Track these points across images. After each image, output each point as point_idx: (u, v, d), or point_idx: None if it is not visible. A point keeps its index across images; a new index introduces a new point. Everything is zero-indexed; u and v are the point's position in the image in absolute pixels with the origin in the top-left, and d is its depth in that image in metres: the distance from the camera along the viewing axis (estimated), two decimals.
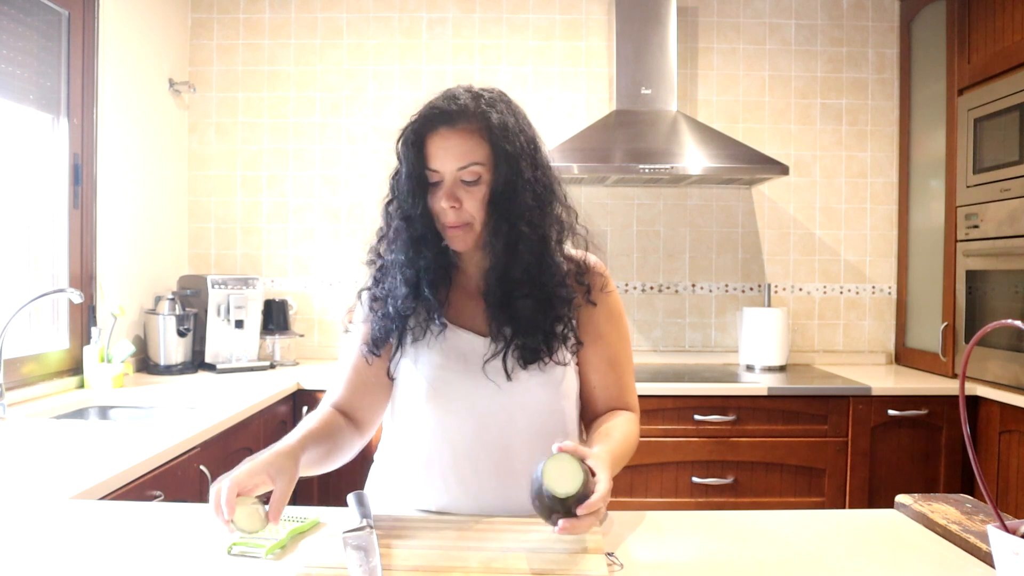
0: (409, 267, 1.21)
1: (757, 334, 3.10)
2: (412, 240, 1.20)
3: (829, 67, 3.35)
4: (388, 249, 1.24)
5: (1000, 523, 0.88)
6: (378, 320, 1.23)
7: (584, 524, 0.97)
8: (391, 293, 1.22)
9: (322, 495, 2.72)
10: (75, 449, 1.65)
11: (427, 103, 1.19)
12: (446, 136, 1.15)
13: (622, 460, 1.18)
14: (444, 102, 1.17)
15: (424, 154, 1.17)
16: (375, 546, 0.98)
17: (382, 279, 1.25)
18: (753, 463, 2.70)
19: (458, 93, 1.18)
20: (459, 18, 3.33)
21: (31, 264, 2.43)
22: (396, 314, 1.21)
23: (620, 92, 3.13)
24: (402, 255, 1.21)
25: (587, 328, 1.25)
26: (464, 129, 1.15)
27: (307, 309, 3.34)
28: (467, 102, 1.17)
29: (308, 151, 3.34)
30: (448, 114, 1.15)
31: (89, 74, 2.57)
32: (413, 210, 1.18)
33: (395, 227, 1.22)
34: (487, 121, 1.16)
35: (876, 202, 3.36)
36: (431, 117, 1.16)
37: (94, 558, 1.01)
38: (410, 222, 1.20)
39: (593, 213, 3.29)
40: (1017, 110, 2.51)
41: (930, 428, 2.70)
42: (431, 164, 1.16)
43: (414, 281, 1.20)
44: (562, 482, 0.97)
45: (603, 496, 0.98)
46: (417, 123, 1.17)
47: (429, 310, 1.21)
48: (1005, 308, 2.60)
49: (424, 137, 1.17)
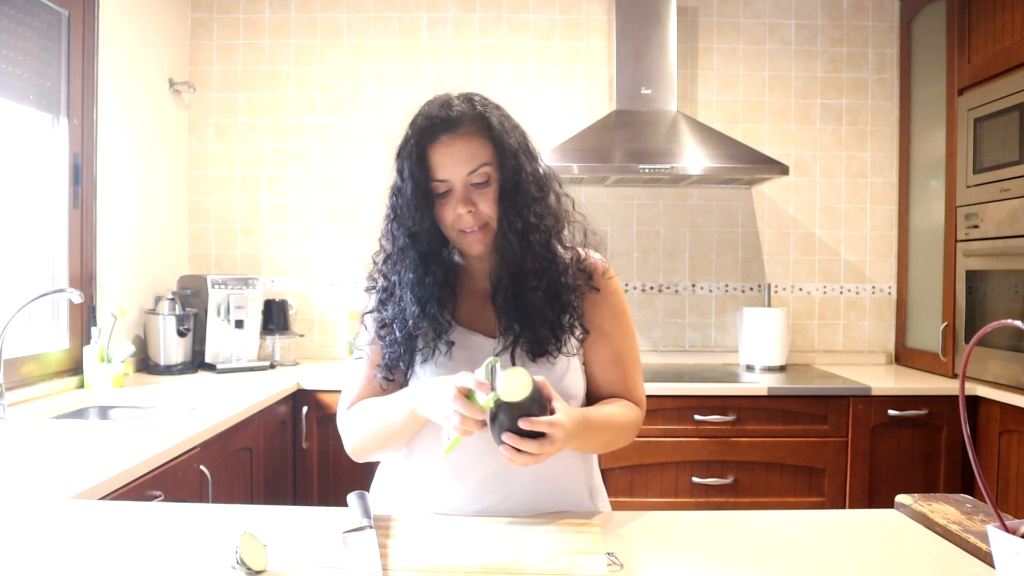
0: (419, 285, 1.19)
1: (757, 334, 3.10)
2: (420, 257, 1.19)
3: (829, 67, 3.35)
4: (393, 269, 1.22)
5: (1000, 523, 0.88)
6: (387, 347, 1.23)
7: (528, 448, 1.00)
8: (400, 314, 1.21)
9: (322, 495, 2.72)
10: (75, 449, 1.65)
11: (420, 115, 1.17)
12: (449, 143, 1.15)
13: (599, 428, 1.18)
14: (440, 110, 1.16)
15: (428, 166, 1.16)
16: (375, 546, 0.98)
17: (387, 301, 1.23)
18: (753, 463, 2.70)
19: (449, 100, 1.18)
20: (459, 18, 3.32)
21: (31, 264, 2.43)
22: (406, 337, 1.20)
23: (620, 92, 3.13)
24: (411, 273, 1.20)
25: (592, 321, 1.25)
26: (466, 133, 1.15)
27: (307, 309, 3.34)
28: (462, 106, 1.16)
29: (308, 151, 3.34)
30: (448, 121, 1.15)
31: (89, 74, 2.57)
32: (420, 226, 1.17)
33: (400, 246, 1.20)
34: (486, 121, 1.16)
35: (876, 202, 3.36)
36: (430, 128, 1.15)
37: (94, 558, 1.01)
38: (416, 239, 1.19)
39: (593, 213, 3.27)
40: (1017, 110, 2.51)
41: (930, 428, 2.70)
42: (438, 175, 1.15)
43: (425, 299, 1.19)
44: (510, 389, 0.99)
45: (550, 423, 1.01)
46: (418, 135, 1.15)
47: (437, 329, 1.20)
48: (1005, 308, 2.60)
49: (426, 149, 1.15)
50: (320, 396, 2.72)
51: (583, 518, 1.18)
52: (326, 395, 2.72)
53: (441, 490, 1.22)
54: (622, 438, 1.24)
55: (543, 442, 1.01)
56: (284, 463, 2.65)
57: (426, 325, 1.20)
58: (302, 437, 2.69)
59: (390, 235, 1.22)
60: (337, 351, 3.32)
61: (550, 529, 1.11)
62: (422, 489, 1.24)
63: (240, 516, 1.19)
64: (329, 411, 2.71)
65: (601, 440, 1.20)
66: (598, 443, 1.21)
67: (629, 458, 2.67)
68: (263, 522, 1.15)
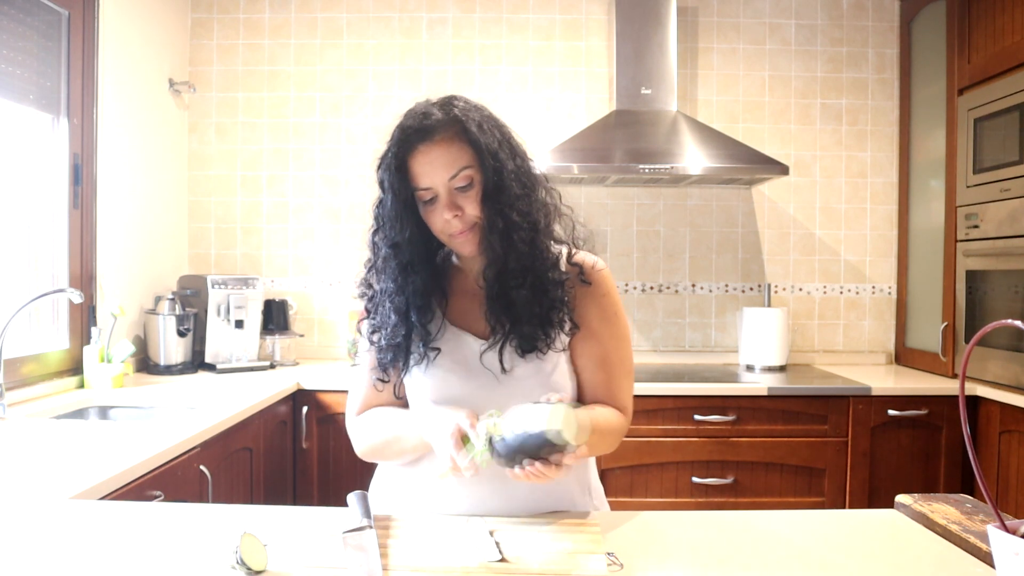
0: (399, 295, 1.22)
1: (757, 334, 3.10)
2: (400, 267, 1.22)
3: (829, 67, 3.35)
4: (378, 279, 1.26)
5: (1000, 523, 0.88)
6: (377, 352, 1.26)
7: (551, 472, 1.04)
8: (383, 324, 1.24)
9: (322, 495, 2.72)
10: (75, 449, 1.65)
11: (398, 127, 1.19)
12: (427, 151, 1.16)
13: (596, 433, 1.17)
14: (416, 120, 1.17)
15: (409, 176, 1.18)
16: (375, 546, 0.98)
17: (374, 310, 1.27)
18: (753, 463, 2.70)
19: (425, 109, 1.19)
20: (459, 18, 3.32)
21: (31, 264, 2.43)
22: (391, 344, 1.23)
23: (620, 92, 3.13)
24: (391, 283, 1.23)
25: (581, 318, 1.26)
26: (443, 139, 1.16)
27: (307, 309, 3.34)
28: (437, 113, 1.17)
29: (308, 151, 3.34)
30: (424, 130, 1.16)
31: (89, 74, 2.57)
32: (400, 236, 1.20)
33: (383, 255, 1.23)
34: (462, 124, 1.17)
35: (876, 202, 3.36)
36: (408, 138, 1.17)
37: (94, 558, 1.01)
38: (398, 249, 1.21)
39: (593, 213, 3.29)
40: (1017, 110, 2.51)
41: (930, 428, 2.70)
42: (420, 183, 1.17)
43: (404, 309, 1.22)
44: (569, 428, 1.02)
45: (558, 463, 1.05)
46: (395, 147, 1.17)
47: (420, 336, 1.23)
48: (1005, 308, 2.60)
49: (406, 159, 1.17)
50: (320, 396, 2.72)
51: (583, 518, 1.18)
52: (326, 395, 2.72)
53: (441, 491, 1.22)
54: (606, 445, 1.25)
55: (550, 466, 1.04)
56: (284, 463, 2.65)
57: (408, 333, 1.22)
58: (302, 437, 2.69)
59: (373, 246, 1.25)
60: (337, 351, 3.32)
61: (550, 529, 1.11)
62: (422, 490, 1.25)
63: (240, 516, 1.19)
64: (329, 411, 2.71)
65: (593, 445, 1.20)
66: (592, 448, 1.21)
67: (629, 458, 2.67)
68: (263, 522, 1.15)
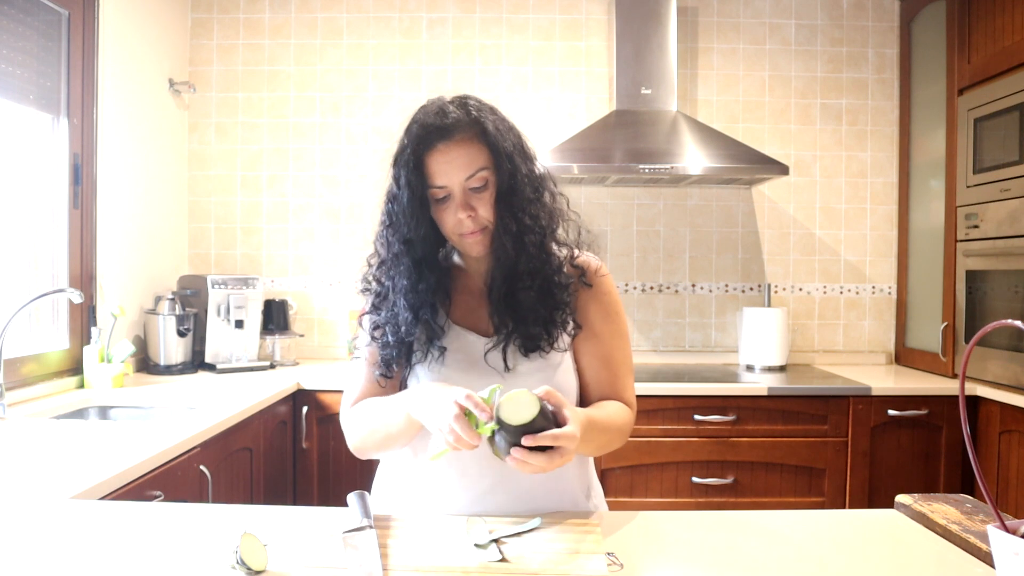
0: (412, 292, 1.21)
1: (757, 334, 3.10)
2: (415, 263, 1.21)
3: (829, 67, 3.35)
4: (388, 275, 1.24)
5: (1000, 523, 0.88)
6: (381, 348, 1.25)
7: (537, 461, 1.00)
8: (393, 319, 1.23)
9: (322, 495, 2.72)
10: (75, 449, 1.65)
11: (415, 123, 1.18)
12: (446, 151, 1.16)
13: (600, 431, 1.18)
14: (435, 118, 1.16)
15: (426, 173, 1.17)
16: (375, 546, 0.98)
17: (381, 305, 1.26)
18: (753, 463, 2.70)
19: (444, 107, 1.18)
20: (459, 18, 3.32)
21: (31, 264, 2.43)
22: (399, 341, 1.22)
23: (620, 92, 3.13)
24: (405, 280, 1.22)
25: (584, 318, 1.26)
26: (462, 139, 1.16)
27: (307, 309, 3.34)
28: (456, 112, 1.17)
29: (308, 151, 3.34)
30: (444, 129, 1.16)
31: (89, 74, 2.57)
32: (415, 233, 1.19)
33: (395, 252, 1.22)
34: (482, 126, 1.17)
35: (876, 202, 3.36)
36: (428, 136, 1.16)
37: (94, 558, 1.01)
38: (411, 246, 1.20)
39: (593, 213, 3.28)
40: (1017, 110, 2.51)
41: (930, 428, 2.70)
42: (436, 181, 1.17)
43: (416, 306, 1.21)
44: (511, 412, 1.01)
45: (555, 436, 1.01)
46: (414, 144, 1.17)
47: (429, 334, 1.22)
48: (1005, 308, 2.60)
49: (423, 157, 1.17)
50: (320, 396, 2.72)
51: (582, 518, 1.18)
52: (326, 395, 2.72)
53: (441, 491, 1.23)
54: (617, 440, 1.25)
55: (552, 455, 1.02)
56: (284, 463, 2.65)
57: (419, 330, 1.22)
58: (302, 437, 2.69)
59: (385, 241, 1.24)
60: (337, 351, 3.32)
61: (550, 529, 1.11)
62: (423, 490, 1.25)
63: (240, 516, 1.19)
64: (329, 411, 2.71)
65: (601, 442, 1.21)
66: (598, 445, 1.21)
67: (629, 458, 2.67)
68: (263, 522, 1.15)
